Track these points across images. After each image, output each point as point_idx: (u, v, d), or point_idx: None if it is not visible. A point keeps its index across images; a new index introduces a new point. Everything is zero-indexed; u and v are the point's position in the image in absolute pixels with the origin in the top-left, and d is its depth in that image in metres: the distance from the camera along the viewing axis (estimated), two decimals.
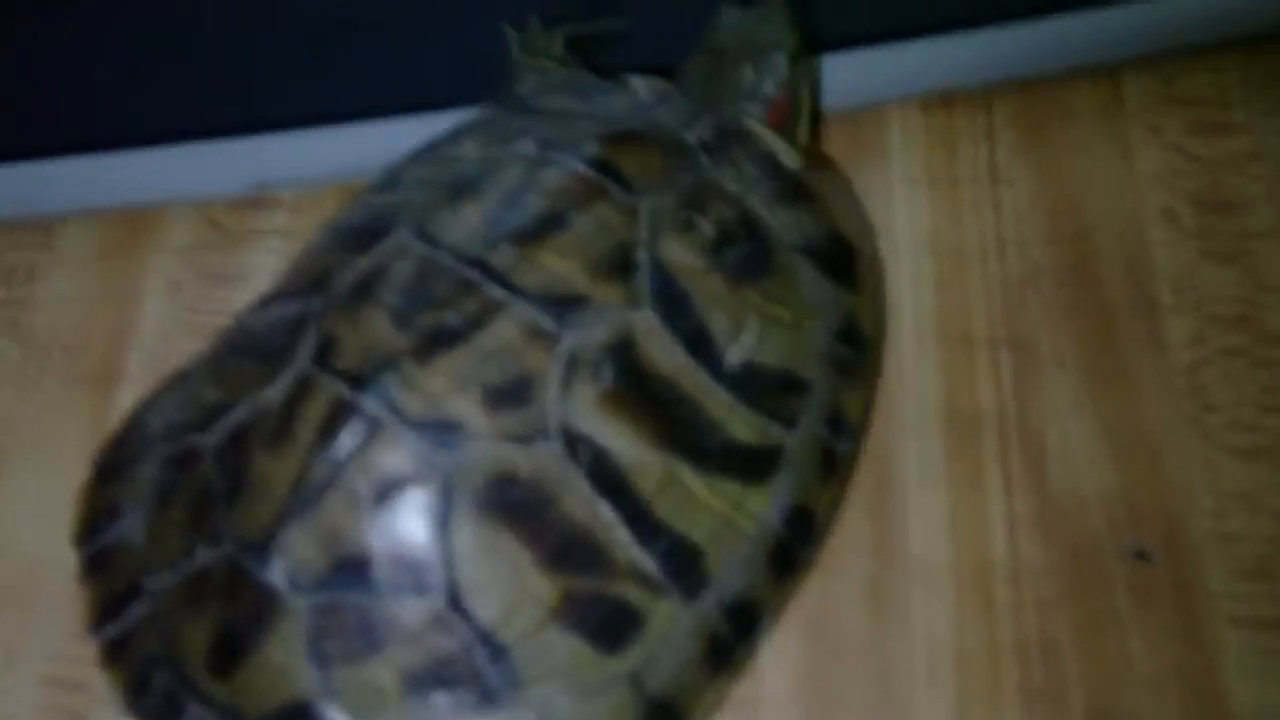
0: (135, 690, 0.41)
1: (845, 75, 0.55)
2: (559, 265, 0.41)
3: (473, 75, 0.55)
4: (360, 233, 0.44)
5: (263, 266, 0.55)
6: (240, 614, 0.39)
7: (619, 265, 0.42)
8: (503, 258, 0.41)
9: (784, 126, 0.49)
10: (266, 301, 0.46)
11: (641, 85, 0.49)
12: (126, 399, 0.52)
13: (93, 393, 0.53)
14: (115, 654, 0.42)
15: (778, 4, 0.50)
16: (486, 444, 0.39)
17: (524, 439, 0.39)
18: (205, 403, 0.43)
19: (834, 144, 0.56)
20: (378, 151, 0.52)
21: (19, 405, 0.53)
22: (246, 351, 0.44)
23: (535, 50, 0.53)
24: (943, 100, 0.57)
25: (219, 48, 0.57)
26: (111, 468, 0.45)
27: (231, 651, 0.39)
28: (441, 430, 0.39)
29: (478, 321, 0.40)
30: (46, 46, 0.57)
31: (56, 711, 0.46)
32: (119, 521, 0.43)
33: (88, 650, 0.46)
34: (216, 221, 0.57)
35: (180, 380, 0.47)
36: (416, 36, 0.56)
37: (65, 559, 0.47)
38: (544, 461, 0.39)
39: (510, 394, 0.39)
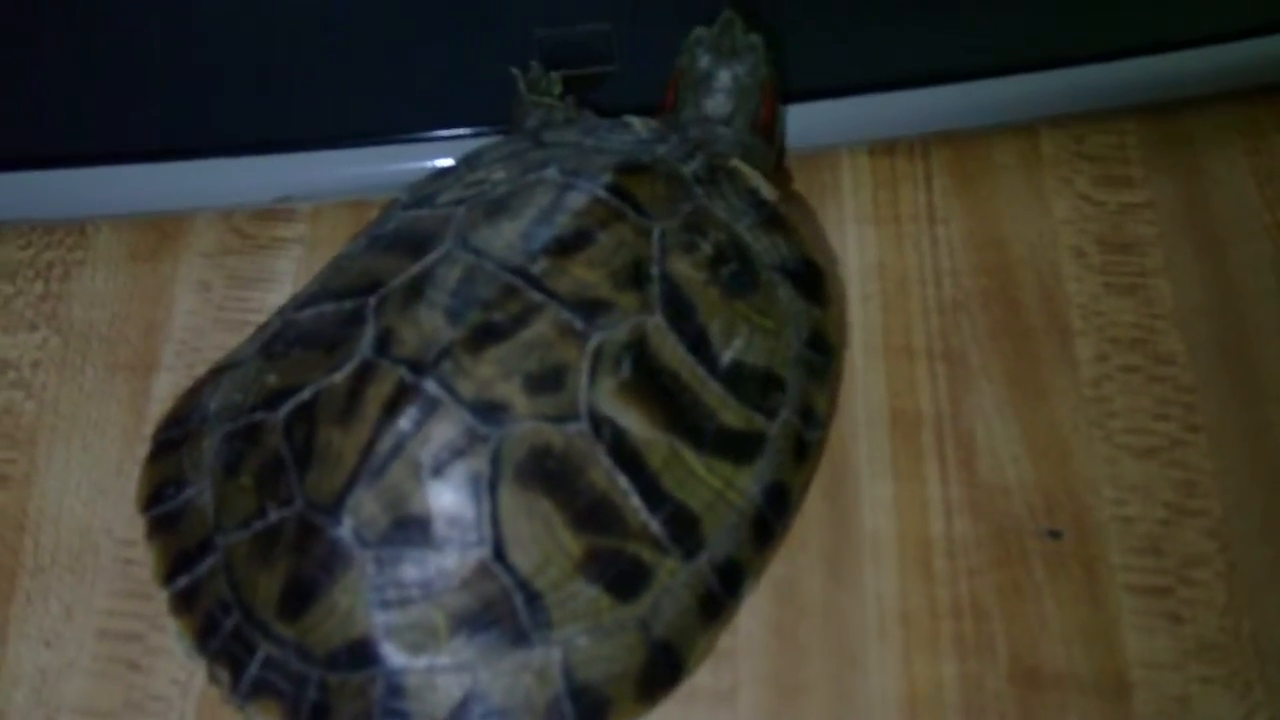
0: (204, 633, 0.43)
1: (805, 123, 0.58)
2: (586, 275, 0.45)
3: (474, 106, 0.58)
4: (405, 243, 0.47)
5: (285, 271, 0.58)
6: (310, 564, 0.41)
7: (636, 277, 0.45)
8: (539, 267, 0.44)
9: (774, 117, 0.53)
10: (311, 300, 0.48)
11: (640, 124, 0.53)
12: (163, 385, 0.55)
13: (132, 377, 0.56)
14: (185, 601, 0.44)
15: (729, 14, 0.52)
16: (527, 422, 0.42)
17: (558, 419, 0.42)
18: (266, 386, 0.45)
19: (795, 183, 0.60)
20: (388, 171, 0.57)
21: (62, 389, 0.55)
22: (301, 343, 0.46)
23: (538, 90, 0.56)
24: (887, 148, 0.61)
25: (249, 75, 0.59)
26: (171, 442, 0.47)
27: (301, 596, 0.41)
28: (490, 410, 0.42)
29: (520, 320, 0.43)
30: (90, 67, 0.59)
31: (111, 660, 0.49)
32: (186, 488, 0.45)
33: (139, 606, 0.49)
34: (240, 229, 0.59)
35: (231, 368, 0.48)
36: (424, 70, 0.59)
37: (112, 527, 0.50)
38: (574, 438, 0.42)
39: (547, 381, 0.43)
